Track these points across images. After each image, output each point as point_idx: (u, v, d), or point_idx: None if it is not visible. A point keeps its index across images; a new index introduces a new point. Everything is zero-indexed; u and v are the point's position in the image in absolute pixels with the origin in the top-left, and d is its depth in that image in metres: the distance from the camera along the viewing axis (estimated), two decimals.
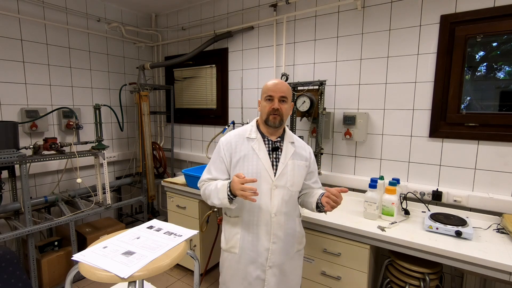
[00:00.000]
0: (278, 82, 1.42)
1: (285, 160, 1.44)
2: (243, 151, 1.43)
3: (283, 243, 1.44)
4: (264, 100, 1.44)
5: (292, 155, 1.46)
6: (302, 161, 1.49)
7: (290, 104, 1.47)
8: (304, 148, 1.55)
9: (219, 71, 3.13)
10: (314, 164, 1.58)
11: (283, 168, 1.42)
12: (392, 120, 2.15)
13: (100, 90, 3.17)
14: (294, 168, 1.45)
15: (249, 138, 1.45)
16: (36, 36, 2.64)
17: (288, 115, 1.49)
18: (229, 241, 1.49)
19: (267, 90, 1.43)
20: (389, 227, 1.70)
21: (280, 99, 1.40)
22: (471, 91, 1.94)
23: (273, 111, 1.40)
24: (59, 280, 2.49)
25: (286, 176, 1.43)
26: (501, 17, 1.75)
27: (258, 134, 1.47)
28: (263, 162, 1.41)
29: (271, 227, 1.41)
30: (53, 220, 2.36)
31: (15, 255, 1.98)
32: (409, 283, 1.65)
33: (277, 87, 1.40)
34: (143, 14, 3.50)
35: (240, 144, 1.45)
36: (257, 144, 1.44)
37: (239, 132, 1.50)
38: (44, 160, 2.30)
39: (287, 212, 1.44)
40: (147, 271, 1.01)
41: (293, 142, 1.51)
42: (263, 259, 1.42)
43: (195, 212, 2.53)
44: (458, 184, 1.96)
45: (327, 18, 2.36)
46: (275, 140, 1.47)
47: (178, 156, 3.54)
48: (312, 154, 1.58)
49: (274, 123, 1.41)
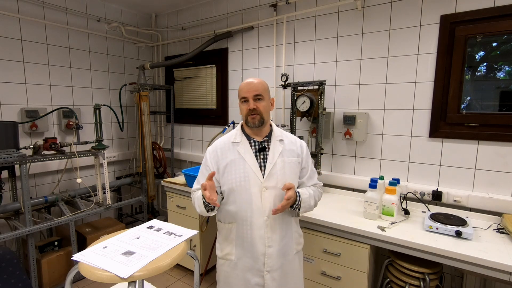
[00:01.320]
0: (250, 82, 1.38)
1: (272, 160, 1.38)
2: (230, 156, 1.40)
3: (279, 246, 1.39)
4: (241, 103, 1.41)
5: (281, 153, 1.41)
6: (294, 158, 1.43)
7: (269, 99, 1.42)
8: (295, 143, 1.48)
9: (219, 71, 3.13)
10: (307, 159, 1.50)
11: (271, 168, 1.37)
12: (392, 120, 2.15)
13: (100, 90, 3.17)
14: (284, 167, 1.40)
15: (234, 142, 1.42)
16: (36, 36, 2.64)
17: (269, 111, 1.44)
18: (224, 248, 1.45)
19: (240, 92, 1.39)
20: (389, 227, 1.70)
21: (255, 98, 1.36)
22: (471, 91, 1.94)
23: (250, 112, 1.36)
24: (59, 280, 2.49)
25: (276, 176, 1.37)
26: (501, 17, 1.75)
27: (243, 137, 1.43)
28: (250, 165, 1.37)
29: (265, 231, 1.36)
30: (53, 220, 2.36)
31: (15, 255, 1.98)
32: (409, 283, 1.65)
33: (249, 87, 1.36)
34: (143, 14, 3.50)
35: (226, 150, 1.42)
36: (243, 147, 1.40)
37: (224, 139, 1.47)
38: (44, 160, 2.30)
39: (281, 213, 1.38)
40: (147, 271, 1.01)
41: (282, 140, 1.45)
42: (260, 264, 1.38)
43: (195, 212, 2.52)
44: (458, 184, 1.96)
45: (327, 18, 2.36)
46: (261, 140, 1.43)
47: (178, 156, 3.55)
48: (305, 147, 1.50)
49: (254, 123, 1.37)
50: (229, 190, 1.39)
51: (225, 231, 1.45)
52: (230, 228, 1.43)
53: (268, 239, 1.37)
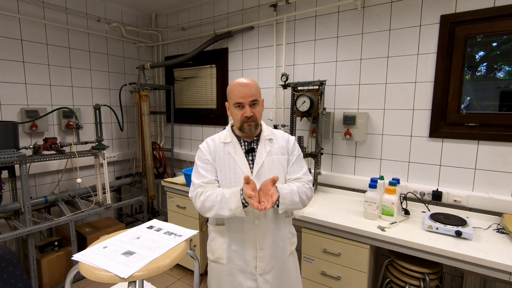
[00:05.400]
0: (244, 85, 1.31)
1: (260, 160, 1.36)
2: (221, 156, 1.38)
3: (271, 249, 1.36)
4: (233, 107, 1.34)
5: (269, 153, 1.38)
6: (284, 155, 1.41)
7: (261, 102, 1.38)
8: (283, 138, 1.45)
9: (219, 71, 3.13)
10: (292, 151, 1.43)
11: (259, 168, 1.35)
12: (392, 120, 2.15)
13: (100, 90, 3.16)
14: (273, 166, 1.37)
15: (224, 143, 1.40)
16: (36, 36, 2.64)
17: (262, 114, 1.40)
18: (215, 252, 1.42)
19: (232, 95, 1.33)
20: (389, 227, 1.70)
21: (251, 104, 1.31)
22: (471, 91, 1.94)
23: (246, 119, 1.31)
24: (59, 280, 2.49)
25: (265, 176, 1.33)
26: (501, 17, 1.75)
27: (234, 137, 1.40)
28: (240, 165, 1.35)
29: (255, 234, 1.34)
30: (53, 220, 2.36)
31: (15, 255, 1.98)
32: (409, 283, 1.65)
33: (244, 92, 1.30)
34: (143, 14, 3.50)
35: (217, 149, 1.40)
36: (233, 148, 1.38)
37: (214, 138, 1.43)
38: (44, 160, 2.31)
39: (271, 214, 1.36)
40: (147, 271, 1.01)
41: (271, 139, 1.42)
42: (251, 267, 1.35)
43: (195, 212, 2.53)
44: (458, 184, 1.95)
45: (327, 18, 2.36)
46: (251, 141, 1.41)
47: (178, 156, 3.54)
48: (292, 140, 1.45)
49: (250, 130, 1.34)
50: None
51: (217, 234, 1.43)
52: (222, 230, 1.41)
53: (259, 242, 1.35)
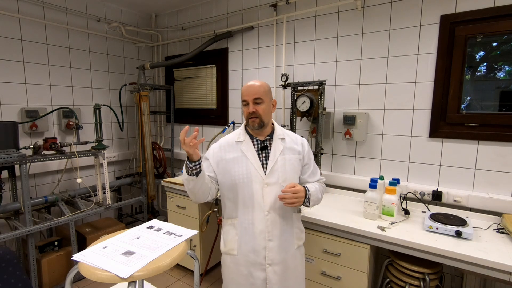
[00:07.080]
0: (250, 85, 1.42)
1: (274, 157, 1.44)
2: (233, 154, 1.46)
3: (279, 241, 1.44)
4: (242, 105, 1.47)
5: (282, 151, 1.46)
6: (294, 155, 1.49)
7: (269, 102, 1.45)
8: (296, 141, 1.54)
9: (219, 71, 3.13)
10: (309, 155, 1.56)
11: (273, 165, 1.43)
12: (392, 120, 2.15)
13: (100, 90, 3.16)
14: (285, 164, 1.45)
15: (238, 141, 1.48)
16: (36, 36, 2.64)
17: (269, 113, 1.47)
18: (227, 244, 1.49)
19: (241, 95, 1.45)
20: (389, 227, 1.70)
21: (254, 102, 1.40)
22: (471, 91, 1.94)
23: (249, 115, 1.41)
24: (59, 280, 2.49)
25: (277, 173, 1.43)
26: (501, 17, 1.75)
27: (247, 136, 1.49)
28: (252, 162, 1.43)
29: (266, 226, 1.42)
30: (53, 220, 2.36)
31: (15, 255, 1.98)
32: (409, 283, 1.65)
33: (249, 90, 1.41)
34: (143, 14, 3.50)
35: (230, 148, 1.48)
36: (246, 146, 1.46)
37: (228, 138, 1.53)
38: (44, 160, 2.30)
39: (281, 209, 1.44)
40: (147, 271, 1.01)
41: (284, 138, 1.50)
42: (261, 258, 1.43)
43: (195, 212, 2.53)
44: (458, 184, 1.96)
45: (327, 18, 2.36)
46: (263, 139, 1.48)
47: (178, 156, 3.54)
48: (306, 145, 1.56)
49: (254, 125, 1.43)
50: (232, 186, 1.44)
51: (229, 226, 1.51)
52: (234, 223, 1.48)
53: (269, 233, 1.43)
